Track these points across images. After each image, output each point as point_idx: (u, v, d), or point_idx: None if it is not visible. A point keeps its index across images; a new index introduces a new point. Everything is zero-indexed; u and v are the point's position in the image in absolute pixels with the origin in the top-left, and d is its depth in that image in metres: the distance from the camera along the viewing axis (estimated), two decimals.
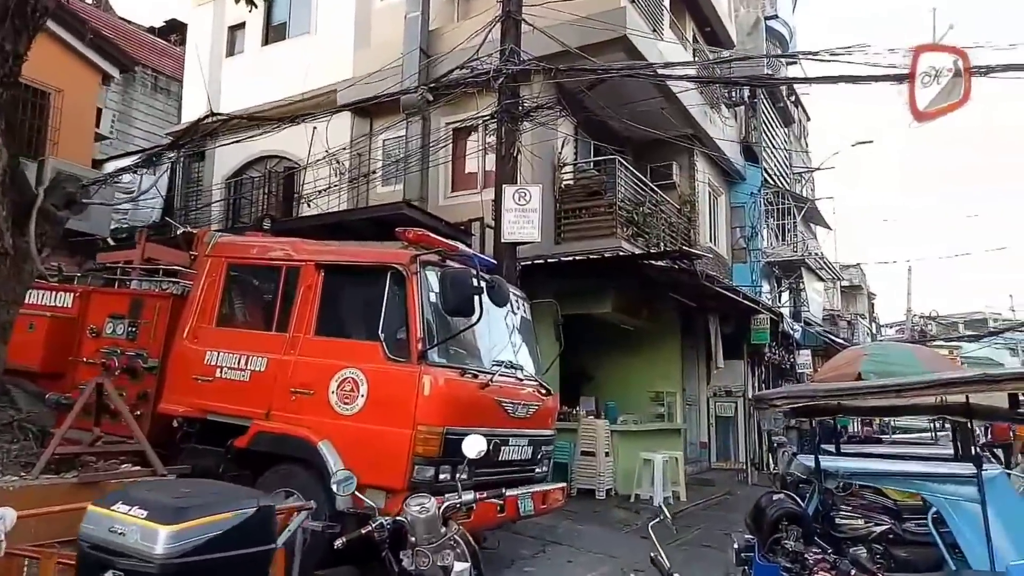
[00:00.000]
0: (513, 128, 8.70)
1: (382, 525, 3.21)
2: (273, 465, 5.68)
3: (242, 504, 2.25)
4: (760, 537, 3.86)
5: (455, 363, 5.62)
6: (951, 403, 4.28)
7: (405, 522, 3.26)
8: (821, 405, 4.43)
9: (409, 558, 3.26)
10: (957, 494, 4.28)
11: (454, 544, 3.33)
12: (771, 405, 4.18)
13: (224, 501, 2.23)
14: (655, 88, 11.40)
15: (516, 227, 8.51)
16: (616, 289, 11.07)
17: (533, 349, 7.06)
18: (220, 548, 2.09)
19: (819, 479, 4.53)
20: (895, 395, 3.78)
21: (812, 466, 4.58)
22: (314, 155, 12.55)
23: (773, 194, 16.93)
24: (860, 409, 4.69)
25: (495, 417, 5.77)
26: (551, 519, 8.39)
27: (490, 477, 5.77)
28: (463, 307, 5.20)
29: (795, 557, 3.51)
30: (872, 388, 3.92)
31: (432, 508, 3.27)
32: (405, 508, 3.29)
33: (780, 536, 3.75)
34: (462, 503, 3.39)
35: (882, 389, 3.85)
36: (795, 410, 4.70)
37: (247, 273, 6.53)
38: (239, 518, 2.17)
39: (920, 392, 3.72)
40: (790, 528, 3.76)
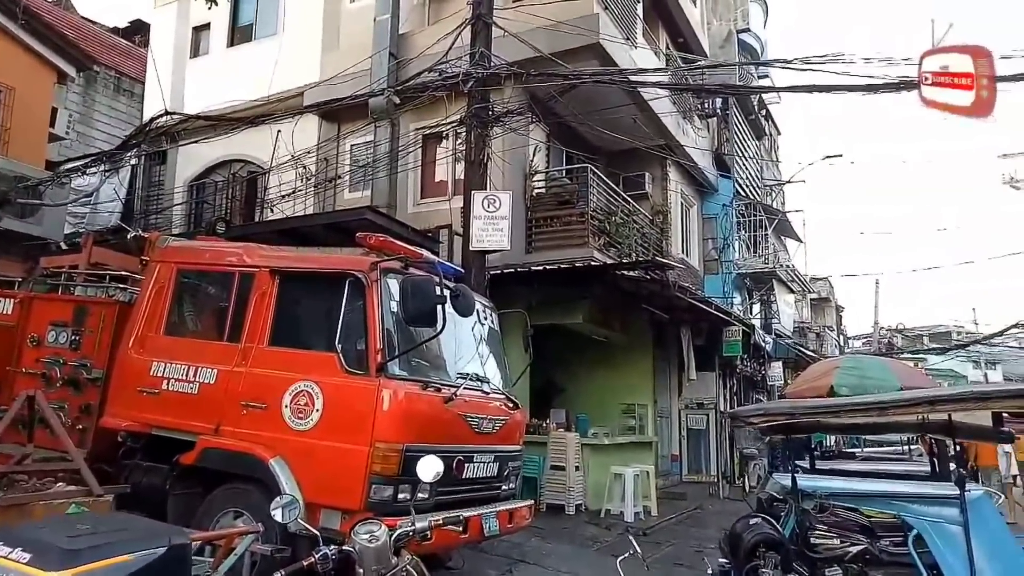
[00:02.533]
0: (483, 133, 8.47)
1: (326, 556, 2.91)
2: (223, 483, 5.34)
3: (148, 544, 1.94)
4: (736, 563, 3.65)
5: (417, 376, 5.33)
6: (932, 421, 4.11)
7: (352, 552, 2.98)
8: (799, 423, 4.24)
9: None
10: (939, 516, 4.10)
11: (406, 575, 3.06)
12: (747, 423, 3.98)
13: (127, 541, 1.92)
14: (627, 96, 11.28)
15: (485, 235, 8.27)
16: (588, 299, 10.86)
17: (501, 361, 6.80)
18: None
19: (796, 500, 4.33)
20: (878, 413, 3.59)
21: (788, 485, 4.37)
22: (280, 159, 12.23)
23: (745, 206, 16.93)
24: (839, 427, 4.51)
25: (459, 433, 5.50)
26: (519, 536, 8.10)
27: (453, 496, 5.49)
28: (424, 316, 4.93)
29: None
30: (855, 406, 3.74)
31: (382, 536, 2.99)
32: (353, 536, 3.00)
33: (757, 564, 3.53)
34: (415, 531, 3.11)
35: (865, 407, 3.66)
36: (772, 428, 4.51)
37: (198, 279, 6.17)
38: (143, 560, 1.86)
39: (905, 410, 3.54)
40: (768, 555, 3.55)
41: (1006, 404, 3.39)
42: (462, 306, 5.26)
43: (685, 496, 12.25)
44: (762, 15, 22.50)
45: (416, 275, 5.12)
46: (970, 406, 3.45)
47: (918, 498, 4.13)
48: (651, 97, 10.88)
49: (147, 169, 14.95)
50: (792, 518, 4.44)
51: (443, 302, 4.92)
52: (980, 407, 3.46)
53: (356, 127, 12.37)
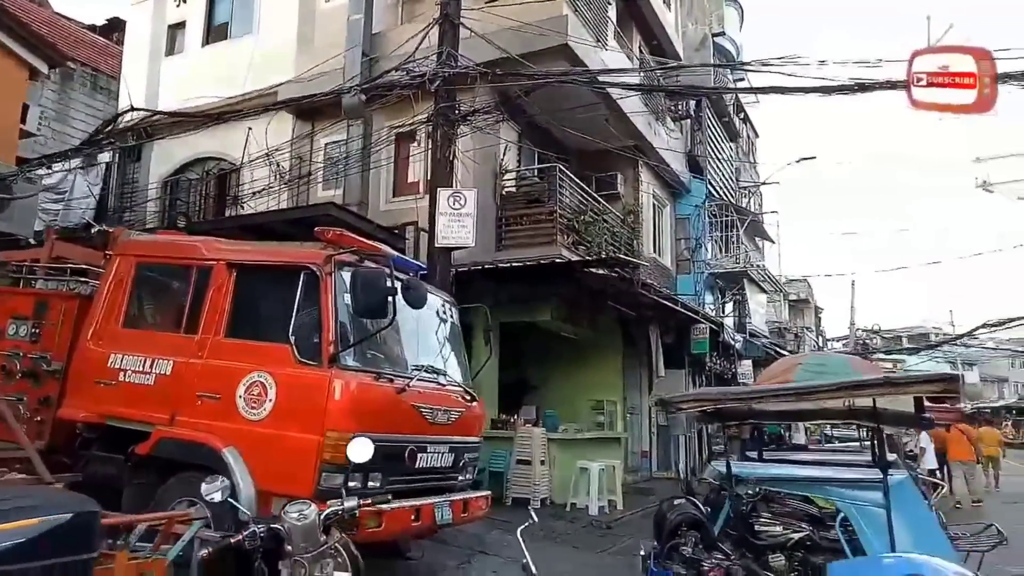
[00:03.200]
0: (448, 132, 8.59)
1: (254, 533, 3.02)
2: (177, 473, 5.41)
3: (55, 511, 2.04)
4: (660, 543, 3.78)
5: (371, 367, 5.44)
6: (859, 408, 4.27)
7: (281, 530, 3.09)
8: (730, 409, 4.39)
9: (287, 568, 3.09)
10: (864, 499, 4.27)
11: (334, 553, 3.16)
12: (677, 408, 4.12)
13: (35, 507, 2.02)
14: (597, 97, 11.45)
15: (450, 231, 8.39)
16: (556, 297, 11.02)
17: (460, 355, 6.91)
18: (20, 558, 1.88)
19: (730, 485, 4.48)
20: (796, 398, 3.74)
21: (724, 472, 4.53)
22: (254, 157, 12.29)
23: (717, 206, 17.16)
24: (772, 414, 4.67)
25: (412, 423, 5.60)
26: (481, 528, 8.23)
27: (406, 485, 5.60)
28: (374, 308, 5.03)
29: (691, 564, 3.43)
30: (776, 392, 3.88)
31: (311, 515, 3.10)
32: (283, 515, 3.11)
33: (678, 542, 3.67)
34: (344, 510, 3.22)
35: (784, 392, 3.81)
36: (708, 415, 4.66)
37: (156, 272, 6.25)
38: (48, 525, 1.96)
39: (822, 396, 3.69)
40: (688, 534, 3.69)
41: (920, 389, 3.56)
42: (413, 298, 5.37)
43: (653, 491, 12.41)
44: (737, 19, 22.79)
45: (366, 267, 5.22)
46: (887, 391, 3.61)
47: (844, 482, 4.30)
48: (619, 96, 11.03)
49: (122, 166, 14.93)
50: (727, 503, 4.59)
51: (393, 294, 5.03)
52: (896, 392, 3.62)
53: (330, 126, 12.48)
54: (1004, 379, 63.92)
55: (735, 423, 4.95)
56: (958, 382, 3.48)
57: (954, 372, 3.62)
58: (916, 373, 3.80)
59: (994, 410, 46.40)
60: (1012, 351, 53.68)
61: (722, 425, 4.68)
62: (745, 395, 3.97)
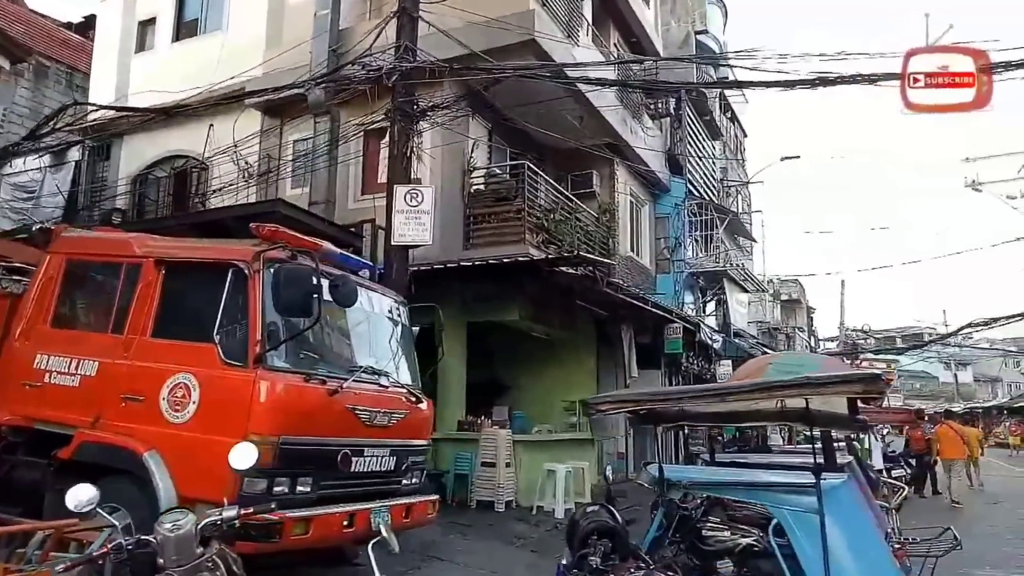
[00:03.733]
0: (407, 127, 8.41)
1: (120, 546, 2.84)
2: (100, 478, 5.22)
3: None
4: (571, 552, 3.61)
5: (304, 368, 5.26)
6: (790, 409, 4.10)
7: (153, 542, 2.90)
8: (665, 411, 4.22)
9: None
10: (798, 504, 4.09)
11: (212, 566, 2.97)
12: (598, 410, 3.94)
13: None
14: (567, 93, 11.28)
15: (407, 229, 8.22)
16: (524, 296, 10.83)
17: (409, 355, 6.73)
18: None
19: (661, 490, 4.31)
20: (720, 399, 3.57)
21: (656, 476, 4.35)
22: (219, 154, 12.11)
23: (697, 205, 17.00)
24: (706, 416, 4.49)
25: (347, 426, 5.42)
26: (438, 533, 8.06)
27: (341, 490, 5.42)
28: (298, 306, 4.85)
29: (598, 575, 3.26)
30: (695, 392, 3.70)
31: (186, 525, 2.92)
32: (156, 526, 2.93)
33: (587, 552, 3.50)
34: (223, 519, 3.03)
35: (705, 394, 3.64)
36: (641, 418, 4.48)
37: (86, 270, 6.07)
38: None
39: (742, 397, 3.52)
40: (599, 543, 3.52)
41: (839, 389, 3.39)
42: (342, 296, 5.19)
43: (625, 494, 12.20)
44: (721, 18, 22.65)
45: (290, 264, 5.04)
46: (803, 392, 3.44)
47: (778, 487, 4.13)
48: (589, 90, 10.84)
49: (91, 164, 14.73)
50: (659, 508, 4.42)
51: (318, 292, 4.85)
52: (814, 393, 3.45)
53: (298, 123, 12.31)
54: (997, 379, 63.92)
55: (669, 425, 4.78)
56: (879, 383, 3.31)
57: (875, 372, 3.43)
58: (835, 373, 3.59)
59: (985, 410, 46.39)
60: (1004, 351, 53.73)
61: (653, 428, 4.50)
62: (665, 396, 3.79)
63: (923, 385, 66.11)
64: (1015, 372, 60.38)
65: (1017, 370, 62.80)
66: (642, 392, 3.89)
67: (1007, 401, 47.17)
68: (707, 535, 4.89)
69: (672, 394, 3.74)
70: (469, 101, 10.14)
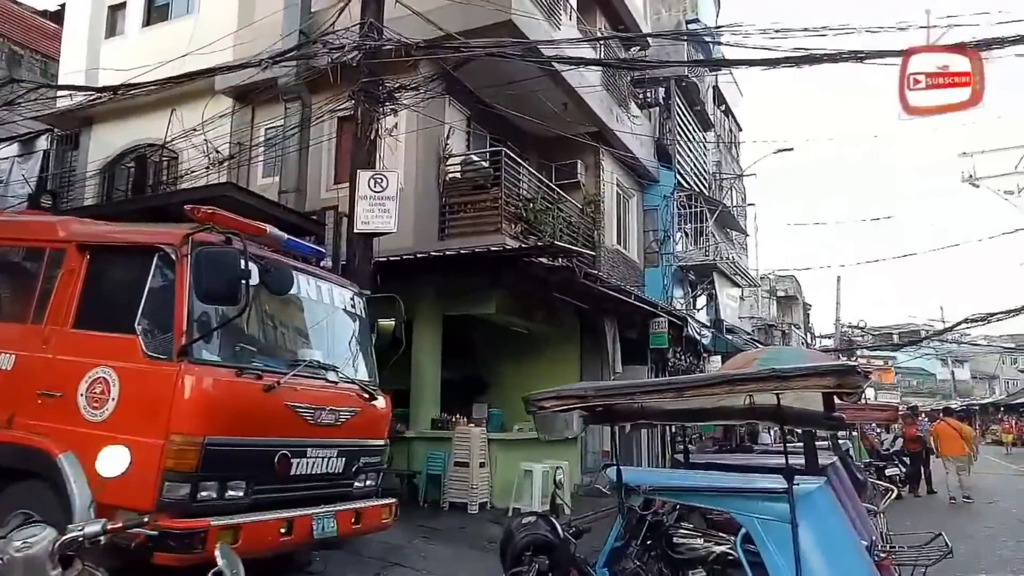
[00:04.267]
0: (371, 109, 7.97)
1: None
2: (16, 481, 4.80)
3: None
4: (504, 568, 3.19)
5: (239, 362, 4.83)
6: (760, 406, 3.68)
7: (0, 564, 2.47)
8: (618, 408, 3.78)
9: None
10: (768, 512, 3.66)
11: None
12: (541, 407, 3.51)
13: None
14: (545, 74, 10.85)
15: (371, 216, 7.78)
16: (503, 289, 10.39)
17: (365, 349, 6.30)
18: None
19: (620, 495, 3.88)
20: (675, 395, 3.14)
21: (615, 480, 3.92)
22: (191, 142, 11.69)
23: (686, 197, 16.54)
24: (670, 414, 4.07)
25: (287, 424, 4.99)
26: (402, 537, 7.64)
27: (281, 494, 4.99)
28: (221, 293, 4.41)
29: None
30: (649, 387, 3.28)
31: (40, 543, 2.48)
32: (4, 545, 2.50)
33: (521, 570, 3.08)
34: (85, 536, 2.60)
35: (658, 388, 3.21)
36: (596, 416, 4.05)
37: (7, 256, 5.62)
38: None
39: (701, 392, 3.09)
40: (535, 560, 3.09)
41: (811, 383, 2.96)
42: (275, 282, 4.75)
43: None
44: (713, 7, 22.19)
45: (213, 246, 4.59)
46: (772, 387, 3.01)
47: (747, 493, 3.70)
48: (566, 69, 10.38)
49: (59, 154, 14.29)
50: (619, 516, 3.99)
51: (246, 277, 4.41)
52: (782, 387, 3.02)
53: (269, 110, 11.89)
54: (995, 376, 63.64)
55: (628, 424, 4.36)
56: (854, 376, 2.88)
57: (851, 363, 3.00)
58: (805, 365, 3.16)
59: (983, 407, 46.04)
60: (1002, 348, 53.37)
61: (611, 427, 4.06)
62: (612, 392, 3.35)
63: (920, 382, 65.83)
64: (1013, 369, 60.02)
65: (1015, 367, 62.52)
66: (587, 386, 3.45)
67: (1005, 398, 46.84)
68: (678, 543, 4.49)
69: (621, 389, 3.31)
70: (445, 86, 9.72)
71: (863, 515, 5.23)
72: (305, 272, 5.68)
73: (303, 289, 5.63)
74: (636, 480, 3.91)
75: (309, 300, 5.71)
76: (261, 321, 5.40)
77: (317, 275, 5.87)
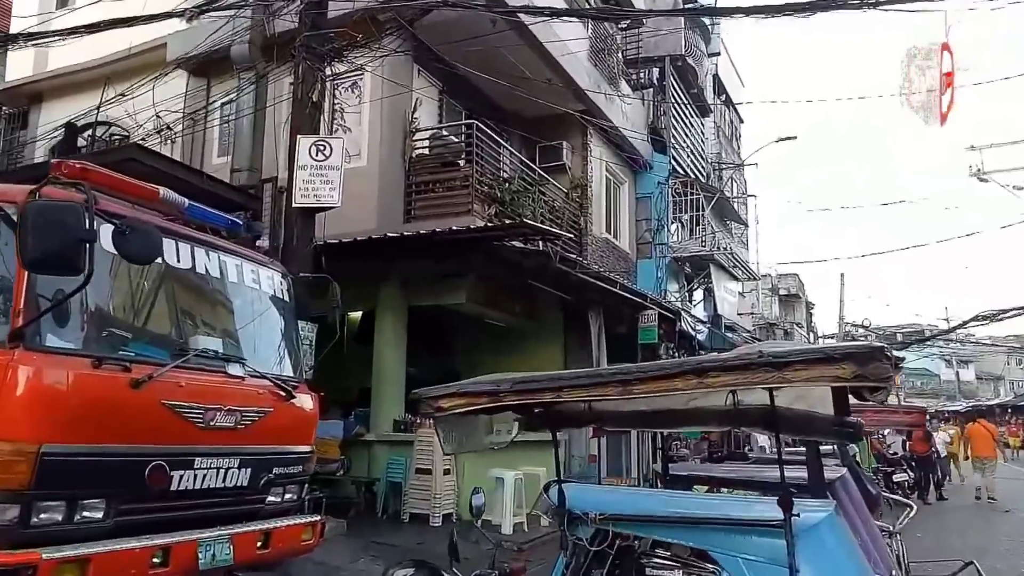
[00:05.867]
0: (314, 66, 7.00)
1: None
2: None
3: None
4: None
5: (101, 349, 3.87)
6: (748, 408, 2.71)
7: None
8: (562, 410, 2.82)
9: None
10: (758, 551, 2.70)
11: None
12: (437, 408, 2.54)
13: None
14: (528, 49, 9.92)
15: (311, 188, 6.82)
16: (474, 277, 9.43)
17: (289, 338, 5.34)
18: None
19: (562, 525, 2.91)
20: (619, 389, 2.17)
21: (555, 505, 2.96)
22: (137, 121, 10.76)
23: (682, 184, 15.54)
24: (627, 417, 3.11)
25: (164, 428, 4.02)
26: (345, 557, 6.69)
27: (159, 514, 4.03)
28: (53, 257, 3.43)
29: None
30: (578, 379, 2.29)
31: None
32: None
33: None
34: None
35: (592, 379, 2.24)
36: (537, 418, 3.08)
37: None
38: None
39: (658, 385, 2.13)
40: None
41: (816, 374, 1.99)
42: (134, 248, 3.76)
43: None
44: None
45: (46, 200, 3.61)
46: (758, 378, 2.04)
47: (728, 524, 2.73)
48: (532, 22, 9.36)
49: (7, 132, 13.36)
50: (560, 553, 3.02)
51: (89, 238, 3.45)
52: (775, 380, 2.05)
53: (224, 84, 10.93)
54: (1000, 377, 62.61)
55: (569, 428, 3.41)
56: (882, 361, 1.92)
57: (876, 344, 2.02)
58: (809, 347, 2.19)
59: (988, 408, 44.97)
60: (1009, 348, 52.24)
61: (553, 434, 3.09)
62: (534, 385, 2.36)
63: (924, 383, 64.69)
64: (1019, 370, 58.94)
65: (1020, 368, 61.42)
66: (498, 379, 2.47)
67: (1011, 400, 45.75)
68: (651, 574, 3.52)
69: (544, 382, 2.34)
70: (409, 46, 8.72)
71: (878, 539, 4.24)
72: (206, 244, 4.71)
73: (203, 265, 4.66)
74: (585, 504, 2.94)
75: (212, 278, 4.74)
76: (146, 302, 4.44)
77: (225, 249, 4.90)
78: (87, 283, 3.50)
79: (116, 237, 3.65)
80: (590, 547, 2.90)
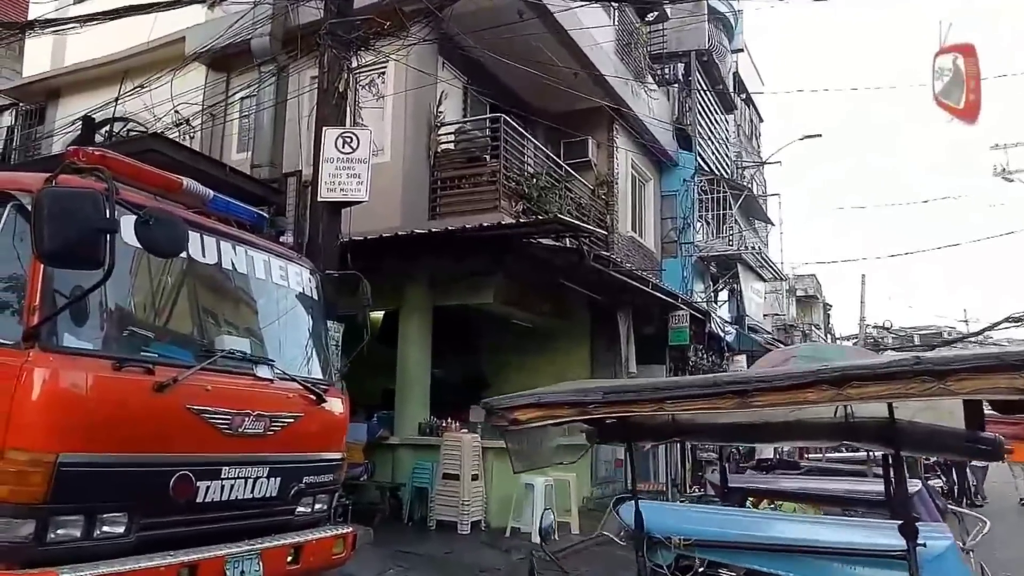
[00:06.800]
0: (340, 55, 6.70)
1: None
2: None
3: None
4: None
5: (123, 350, 3.58)
6: (862, 421, 2.36)
7: None
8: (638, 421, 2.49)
9: None
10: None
11: None
12: (511, 420, 2.21)
13: None
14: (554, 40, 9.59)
15: (338, 182, 6.52)
16: (499, 275, 9.10)
17: (317, 338, 5.04)
18: None
19: (641, 554, 2.57)
20: (737, 400, 1.84)
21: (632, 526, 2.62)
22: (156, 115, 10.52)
23: (708, 181, 15.15)
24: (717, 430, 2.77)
25: (190, 435, 3.72)
26: (373, 567, 6.37)
27: (184, 528, 3.73)
28: (69, 248, 3.13)
29: None
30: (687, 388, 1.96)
31: None
32: None
33: None
34: None
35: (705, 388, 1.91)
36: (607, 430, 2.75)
37: None
38: None
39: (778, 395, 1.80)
40: None
41: (987, 384, 1.64)
42: (158, 240, 3.45)
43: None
44: None
45: (63, 187, 3.32)
46: (914, 388, 1.69)
47: (836, 554, 2.38)
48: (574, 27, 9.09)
49: (24, 129, 13.19)
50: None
51: (109, 228, 3.15)
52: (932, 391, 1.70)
53: (245, 78, 10.67)
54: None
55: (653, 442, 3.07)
56: None
57: None
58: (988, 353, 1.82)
59: None
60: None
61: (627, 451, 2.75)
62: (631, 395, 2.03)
63: None
64: None
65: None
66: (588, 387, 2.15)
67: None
68: None
69: (643, 391, 2.01)
70: (435, 36, 8.42)
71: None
72: (232, 238, 4.41)
73: (230, 260, 4.37)
74: (665, 527, 2.60)
75: (238, 274, 4.45)
76: (169, 299, 4.15)
77: (252, 244, 4.60)
78: (108, 277, 3.20)
79: (139, 227, 3.35)
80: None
